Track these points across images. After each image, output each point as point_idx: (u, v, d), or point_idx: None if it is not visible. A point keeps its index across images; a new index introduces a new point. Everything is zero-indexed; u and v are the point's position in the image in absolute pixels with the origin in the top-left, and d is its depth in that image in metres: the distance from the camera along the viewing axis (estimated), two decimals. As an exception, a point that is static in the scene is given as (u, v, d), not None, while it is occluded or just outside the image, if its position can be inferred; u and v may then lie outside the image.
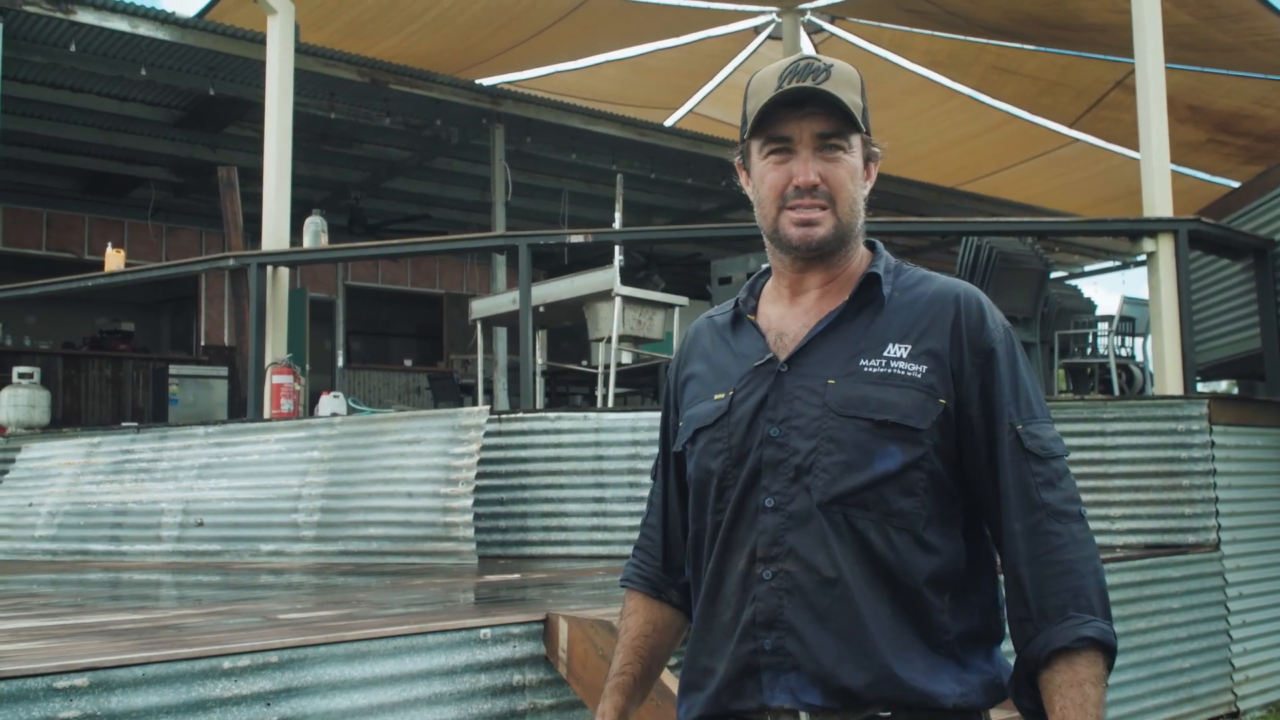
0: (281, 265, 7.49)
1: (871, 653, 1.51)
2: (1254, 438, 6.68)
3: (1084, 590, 1.53)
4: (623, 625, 1.86)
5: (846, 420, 1.57)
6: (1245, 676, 6.24)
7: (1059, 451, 1.59)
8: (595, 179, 13.75)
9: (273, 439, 6.48)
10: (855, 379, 1.59)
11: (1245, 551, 6.42)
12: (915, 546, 1.55)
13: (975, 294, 1.65)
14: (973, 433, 1.59)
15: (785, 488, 1.58)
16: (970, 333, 1.61)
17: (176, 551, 6.31)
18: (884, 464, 1.55)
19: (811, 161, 1.63)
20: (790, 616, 1.55)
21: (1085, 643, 1.50)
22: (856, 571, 1.54)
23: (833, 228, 1.64)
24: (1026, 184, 16.13)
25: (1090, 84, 13.53)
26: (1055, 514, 1.55)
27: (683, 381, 1.82)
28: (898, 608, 1.54)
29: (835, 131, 1.63)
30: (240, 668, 2.85)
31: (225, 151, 12.14)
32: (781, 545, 1.57)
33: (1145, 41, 7.24)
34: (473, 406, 7.59)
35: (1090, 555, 1.55)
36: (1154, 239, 6.93)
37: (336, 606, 4.07)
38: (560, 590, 4.65)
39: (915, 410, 1.56)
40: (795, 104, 1.63)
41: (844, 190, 1.64)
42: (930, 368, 1.58)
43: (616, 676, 1.81)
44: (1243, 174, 14.31)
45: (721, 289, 7.45)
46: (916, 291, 1.66)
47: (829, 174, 1.63)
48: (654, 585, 1.86)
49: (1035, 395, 1.62)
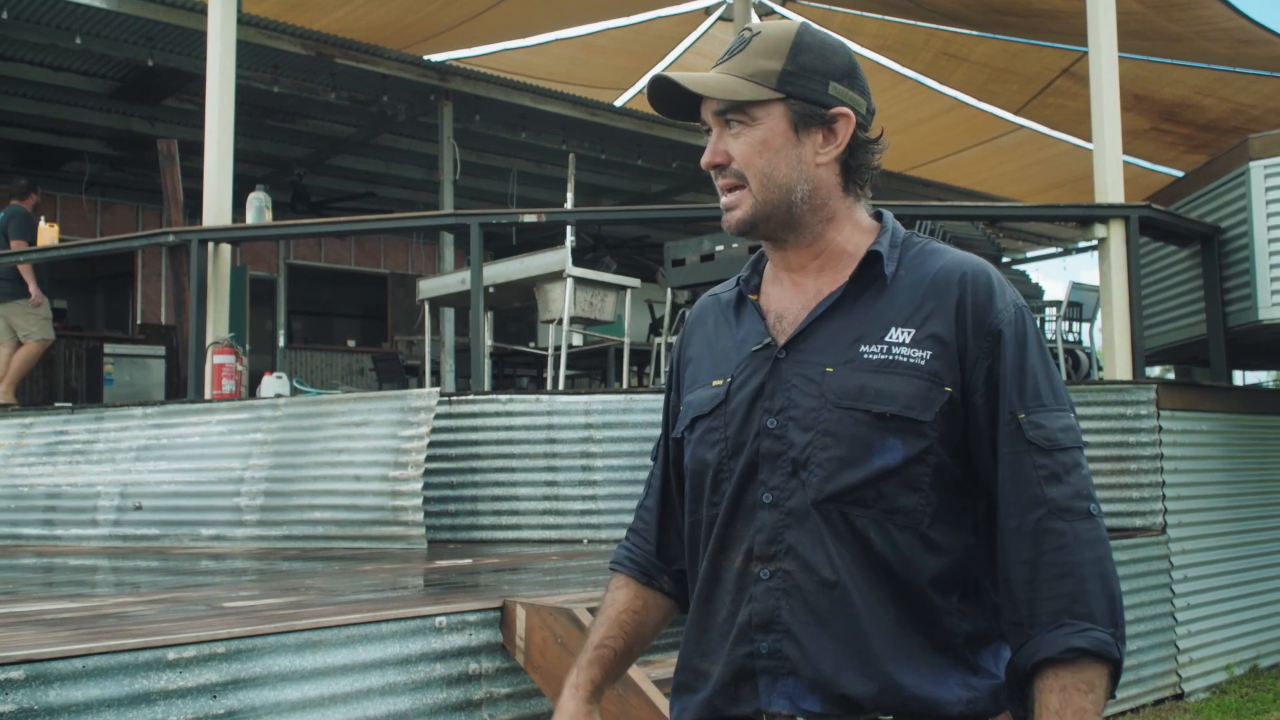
0: (224, 242, 7.29)
1: (873, 659, 1.42)
2: (1200, 422, 6.75)
3: (1084, 595, 1.40)
4: (607, 599, 1.75)
5: (844, 412, 1.46)
6: (1189, 659, 6.32)
7: (1067, 443, 1.46)
8: (544, 159, 13.61)
9: (214, 420, 6.32)
10: (854, 367, 1.48)
11: (1191, 535, 6.49)
12: (919, 545, 1.45)
13: (984, 270, 1.53)
14: (979, 422, 1.48)
15: (783, 482, 1.48)
16: (976, 313, 1.48)
17: (113, 536, 6.14)
18: (884, 459, 1.44)
19: (718, 140, 1.56)
20: (788, 619, 1.46)
21: (1078, 654, 1.37)
22: (856, 573, 1.44)
23: (751, 207, 1.54)
24: (973, 169, 16.22)
25: (1037, 71, 13.59)
26: (1058, 511, 1.43)
27: (685, 363, 1.72)
28: (901, 610, 1.44)
29: (729, 107, 1.54)
30: (186, 659, 2.74)
31: (163, 124, 11.82)
32: (780, 543, 1.47)
33: (1099, 29, 7.26)
34: (420, 388, 7.46)
35: (1098, 557, 1.43)
36: (1106, 225, 6.96)
37: (284, 594, 3.96)
38: (514, 576, 4.57)
39: (918, 400, 1.45)
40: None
41: (751, 165, 1.53)
42: (935, 353, 1.47)
43: (597, 648, 1.69)
44: (1184, 163, 14.50)
45: (675, 271, 7.37)
46: (923, 269, 1.54)
47: (733, 149, 1.54)
48: (645, 570, 1.75)
49: (1046, 381, 1.49)
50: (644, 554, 1.77)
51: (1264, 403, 7.92)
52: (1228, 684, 6.46)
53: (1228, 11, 10.16)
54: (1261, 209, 7.17)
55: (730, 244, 7.05)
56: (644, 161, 13.48)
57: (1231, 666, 6.61)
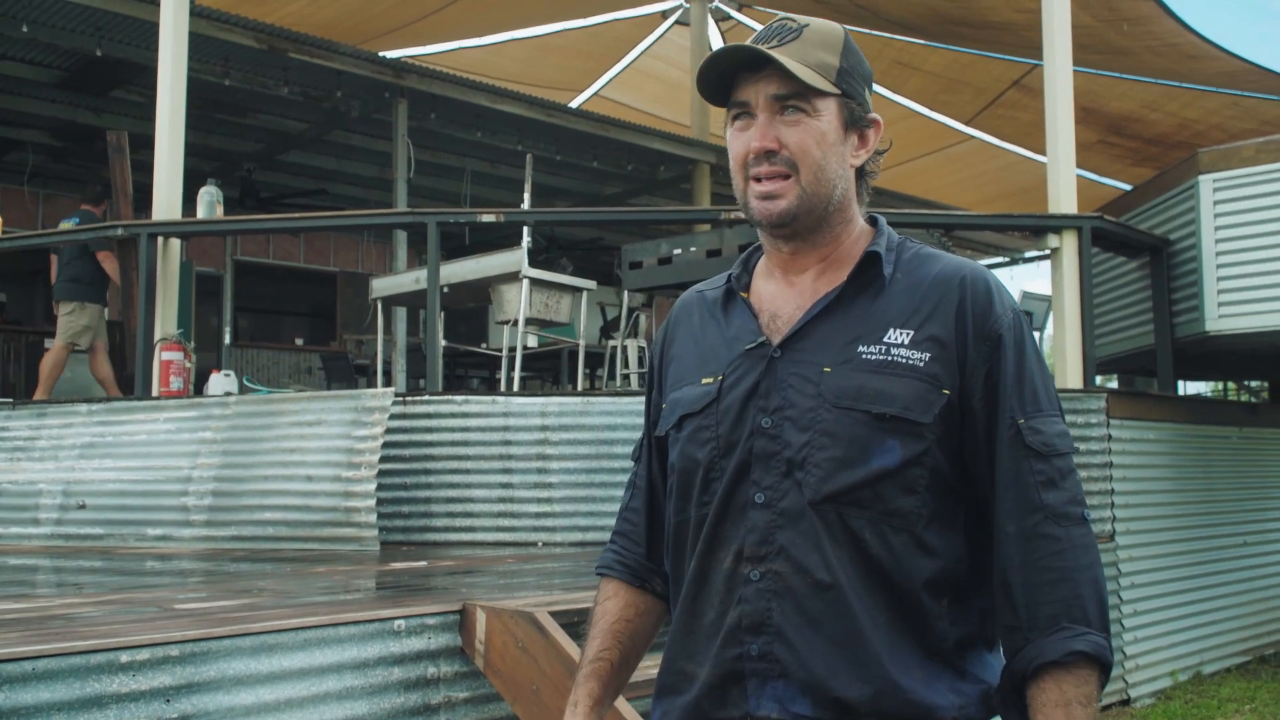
0: (174, 236, 7.17)
1: (869, 662, 1.40)
2: (1147, 431, 6.85)
3: (1079, 600, 1.41)
4: (599, 610, 1.71)
5: (843, 412, 1.45)
6: (1136, 665, 6.41)
7: (1063, 449, 1.47)
8: (499, 159, 13.52)
9: (162, 418, 6.20)
10: (852, 367, 1.47)
11: (1138, 543, 6.59)
12: (914, 548, 1.44)
13: (983, 275, 1.53)
14: (975, 426, 1.47)
15: (776, 482, 1.46)
16: (976, 318, 1.48)
17: (56, 535, 6.00)
18: (882, 460, 1.43)
19: (769, 126, 1.51)
20: (779, 620, 1.43)
21: (1076, 657, 1.39)
22: (852, 574, 1.42)
23: (796, 198, 1.51)
24: (925, 178, 16.37)
25: (989, 83, 13.75)
26: (1055, 516, 1.43)
27: (668, 361, 1.69)
28: (894, 613, 1.43)
29: (794, 93, 1.50)
30: (139, 661, 2.67)
31: (110, 116, 11.60)
32: (771, 544, 1.45)
33: (1055, 42, 7.34)
34: (372, 388, 7.37)
35: (1090, 563, 1.44)
36: (1059, 235, 7.04)
37: (236, 595, 3.88)
38: (470, 579, 4.52)
39: (917, 402, 1.44)
40: (753, 67, 1.51)
41: (808, 156, 1.51)
42: (934, 355, 1.46)
43: (593, 662, 1.65)
44: (1131, 175, 14.74)
45: (633, 273, 7.34)
46: (920, 273, 1.53)
47: (789, 138, 1.51)
48: (635, 573, 1.72)
49: (1044, 387, 1.49)
50: (634, 556, 1.74)
51: (1207, 413, 8.06)
52: (1173, 690, 6.55)
53: (1177, 27, 10.34)
54: (1210, 222, 7.29)
55: (689, 247, 7.04)
56: (599, 164, 13.44)
57: (1176, 673, 6.71)
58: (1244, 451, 7.98)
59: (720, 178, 13.05)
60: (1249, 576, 7.69)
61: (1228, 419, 8.13)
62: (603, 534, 5.60)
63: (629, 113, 14.63)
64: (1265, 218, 7.14)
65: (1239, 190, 7.27)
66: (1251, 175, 7.24)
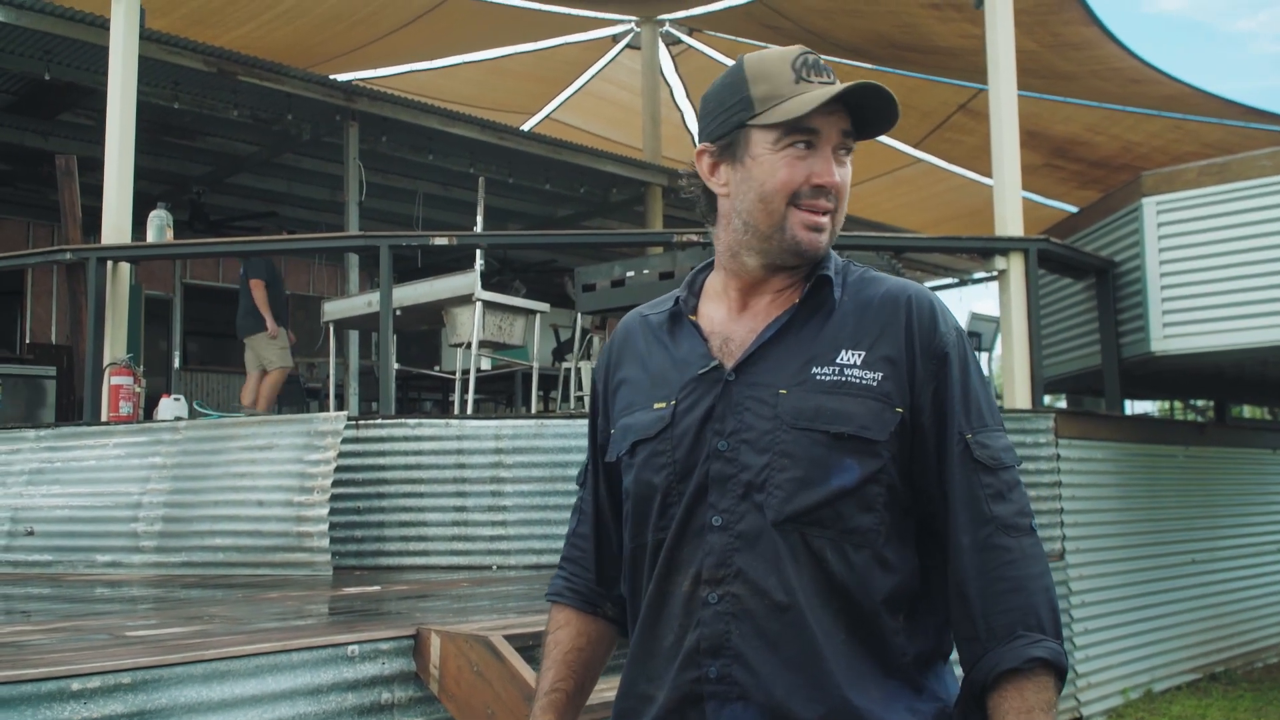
0: (124, 260, 7.10)
1: (826, 684, 1.42)
2: (1095, 450, 6.94)
3: (1034, 608, 1.45)
4: (551, 640, 1.72)
5: (801, 433, 1.47)
6: (1087, 683, 6.47)
7: (1010, 462, 1.51)
8: (451, 182, 13.51)
9: (111, 443, 6.13)
10: (808, 388, 1.49)
11: (1088, 561, 6.66)
12: (874, 565, 1.46)
13: (926, 296, 1.57)
14: (924, 442, 1.50)
15: (734, 505, 1.48)
16: (923, 336, 1.52)
17: (3, 561, 5.91)
18: (841, 479, 1.45)
19: (833, 160, 1.54)
20: (738, 643, 1.45)
21: (1035, 664, 1.42)
22: (811, 595, 1.44)
23: (831, 234, 1.56)
24: (874, 201, 16.56)
25: (935, 106, 13.95)
26: (1005, 528, 1.47)
27: (615, 386, 1.69)
28: (853, 633, 1.45)
29: (852, 133, 1.55)
30: (90, 689, 2.64)
31: (58, 139, 11.47)
32: (729, 567, 1.47)
33: (999, 66, 7.48)
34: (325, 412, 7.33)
35: (1040, 572, 1.48)
36: (1006, 257, 7.15)
37: (187, 622, 3.85)
38: (424, 603, 4.50)
39: (873, 421, 1.47)
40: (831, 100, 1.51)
41: (845, 197, 1.56)
42: (886, 374, 1.49)
43: (548, 694, 1.66)
44: (1077, 198, 15.00)
45: (586, 295, 7.36)
46: (867, 294, 1.56)
47: (841, 178, 1.54)
48: (586, 599, 1.73)
49: (987, 403, 1.53)
50: (583, 582, 1.75)
51: (1154, 432, 8.20)
52: (1124, 708, 6.63)
53: (1120, 52, 10.56)
54: (1154, 244, 7.44)
55: (641, 270, 7.08)
56: (552, 186, 13.47)
57: (1128, 690, 6.79)
58: (1191, 470, 8.12)
59: (673, 200, 13.13)
60: (1198, 594, 7.80)
61: (1174, 438, 8.27)
62: (557, 557, 5.60)
63: (581, 135, 14.68)
64: (1208, 239, 7.29)
65: (1182, 213, 7.42)
66: (1194, 198, 7.40)
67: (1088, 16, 9.94)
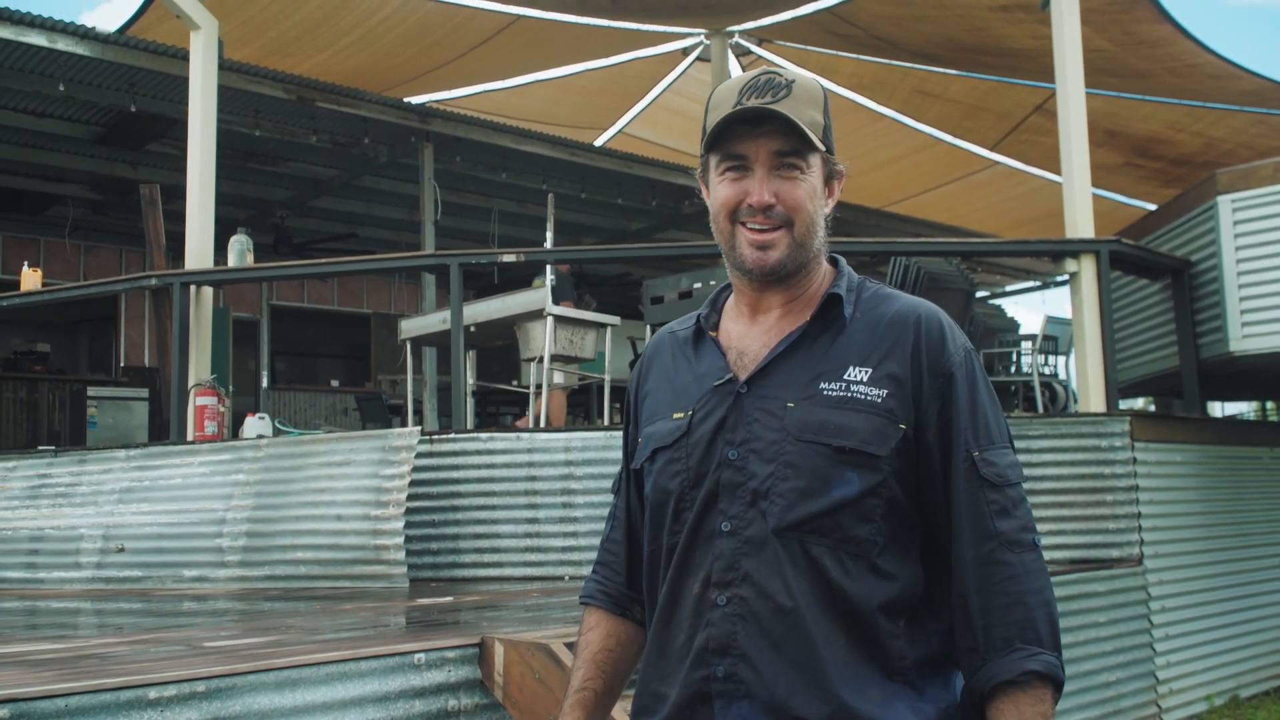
0: (205, 285, 7.35)
1: (825, 683, 1.48)
2: (1174, 454, 6.82)
3: (1032, 622, 1.50)
4: (582, 640, 1.80)
5: (805, 445, 1.53)
6: (1169, 689, 6.36)
7: (1014, 479, 1.56)
8: (525, 198, 13.72)
9: (196, 462, 6.34)
10: (814, 403, 1.56)
11: (1167, 566, 6.54)
12: (869, 573, 1.52)
13: (936, 315, 1.62)
14: (931, 458, 1.56)
15: (742, 512, 1.55)
16: (930, 356, 1.57)
17: (96, 578, 6.14)
18: (841, 491, 1.52)
19: (767, 181, 1.59)
20: (744, 643, 1.52)
21: (1030, 676, 1.47)
22: (811, 599, 1.50)
23: (788, 250, 1.61)
24: (950, 205, 16.41)
25: (1010, 108, 13.80)
26: (1008, 543, 1.52)
27: (642, 397, 1.78)
28: (852, 636, 1.51)
29: (792, 150, 1.60)
30: (166, 697, 2.76)
31: (146, 169, 11.90)
32: (737, 571, 1.54)
33: (1066, 67, 7.40)
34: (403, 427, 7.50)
35: (1041, 586, 1.53)
36: (1077, 259, 7.06)
37: (264, 633, 3.98)
38: (494, 613, 4.59)
39: (875, 436, 1.53)
40: (752, 121, 1.59)
41: (801, 211, 1.61)
42: (890, 391, 1.55)
43: (577, 693, 1.73)
44: (1158, 196, 14.70)
45: (654, 308, 7.45)
46: (878, 312, 1.62)
47: (785, 194, 1.59)
48: (617, 602, 1.81)
49: (995, 420, 1.59)
50: (615, 585, 1.82)
51: (1236, 434, 8.02)
52: (1208, 714, 6.49)
53: (1195, 48, 10.36)
54: (1230, 243, 7.30)
55: (708, 281, 7.14)
56: (624, 200, 13.60)
57: (1211, 697, 6.65)
58: (1275, 472, 7.93)
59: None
60: (1286, 597, 7.61)
61: (1257, 439, 8.08)
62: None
63: (653, 149, 14.78)
64: (1286, 236, 7.14)
65: (1258, 210, 7.28)
66: (1270, 195, 7.25)
67: (1159, 14, 9.78)
